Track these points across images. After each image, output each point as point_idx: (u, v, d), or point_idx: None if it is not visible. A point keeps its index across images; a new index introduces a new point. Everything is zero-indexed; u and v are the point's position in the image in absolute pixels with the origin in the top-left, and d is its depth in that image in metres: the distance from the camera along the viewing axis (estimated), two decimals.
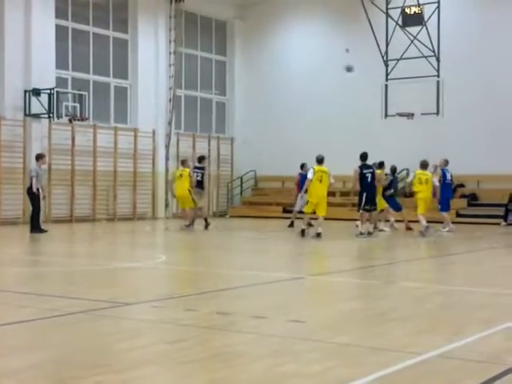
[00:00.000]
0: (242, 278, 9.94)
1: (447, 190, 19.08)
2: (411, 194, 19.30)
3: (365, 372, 4.78)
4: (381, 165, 19.25)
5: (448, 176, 19.16)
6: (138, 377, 4.73)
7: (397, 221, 19.55)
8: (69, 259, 12.89)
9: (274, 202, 27.39)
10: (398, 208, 19.54)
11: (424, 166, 18.18)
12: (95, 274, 10.45)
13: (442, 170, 19.21)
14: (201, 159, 20.50)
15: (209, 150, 28.05)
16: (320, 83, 27.29)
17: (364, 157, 17.46)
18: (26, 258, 13.18)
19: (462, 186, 24.55)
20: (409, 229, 18.97)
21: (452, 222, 19.41)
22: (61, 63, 23.14)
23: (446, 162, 19.29)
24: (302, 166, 20.49)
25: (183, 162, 20.01)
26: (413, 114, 23.50)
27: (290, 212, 21.61)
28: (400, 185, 21.69)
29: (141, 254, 13.89)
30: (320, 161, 17.08)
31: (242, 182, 29.12)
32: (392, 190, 19.46)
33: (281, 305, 7.70)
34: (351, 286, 9.47)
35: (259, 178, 29.23)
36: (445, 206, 19.01)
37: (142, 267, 11.20)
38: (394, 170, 19.98)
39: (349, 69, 26.56)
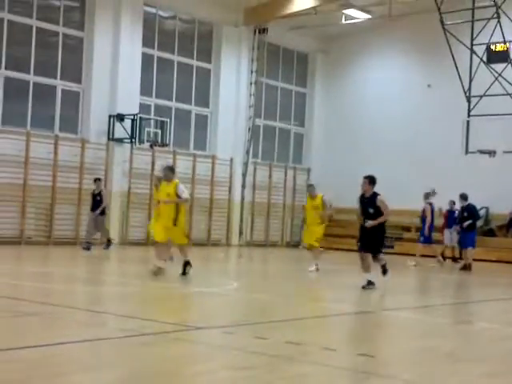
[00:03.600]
0: (311, 309, 9.89)
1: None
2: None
3: None
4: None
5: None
6: None
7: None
8: (144, 281, 13.09)
9: (350, 234, 27.13)
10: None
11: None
12: (169, 296, 10.58)
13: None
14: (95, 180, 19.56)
15: (285, 180, 28.16)
16: (400, 117, 27.11)
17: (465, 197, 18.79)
18: (99, 277, 13.46)
19: None
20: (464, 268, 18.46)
21: None
22: (145, 90, 23.77)
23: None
24: (428, 196, 19.70)
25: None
26: (495, 152, 23.02)
27: None
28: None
29: (214, 279, 14.00)
30: None
31: None
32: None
33: (351, 338, 7.62)
34: (421, 323, 9.28)
35: (336, 210, 29.06)
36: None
37: (214, 292, 11.28)
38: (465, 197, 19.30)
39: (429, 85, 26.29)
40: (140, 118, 22.47)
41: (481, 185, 23.94)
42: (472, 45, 23.54)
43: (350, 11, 25.74)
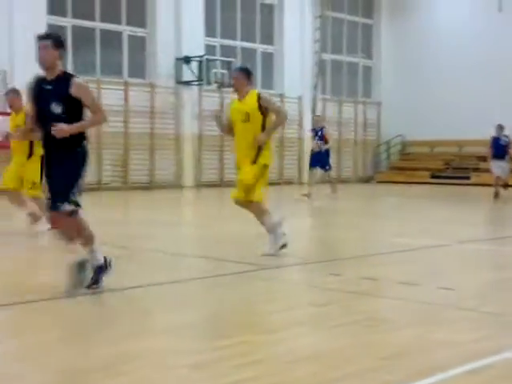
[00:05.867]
0: (388, 244, 9.82)
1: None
2: None
3: None
4: None
5: None
6: (284, 338, 4.80)
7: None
8: (213, 222, 13.24)
9: (422, 167, 26.77)
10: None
11: None
12: (244, 237, 10.66)
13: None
14: None
15: (355, 115, 27.78)
16: (472, 44, 26.16)
17: None
18: (176, 219, 13.66)
19: None
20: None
21: None
22: (209, 31, 23.63)
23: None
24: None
25: None
26: None
27: (438, 177, 21.09)
28: None
29: (290, 219, 13.98)
30: None
31: (389, 147, 28.64)
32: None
33: (428, 272, 7.55)
34: (500, 254, 9.11)
35: (407, 143, 28.64)
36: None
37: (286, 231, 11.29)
38: None
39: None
40: (206, 59, 22.42)
41: None
42: None
43: None
